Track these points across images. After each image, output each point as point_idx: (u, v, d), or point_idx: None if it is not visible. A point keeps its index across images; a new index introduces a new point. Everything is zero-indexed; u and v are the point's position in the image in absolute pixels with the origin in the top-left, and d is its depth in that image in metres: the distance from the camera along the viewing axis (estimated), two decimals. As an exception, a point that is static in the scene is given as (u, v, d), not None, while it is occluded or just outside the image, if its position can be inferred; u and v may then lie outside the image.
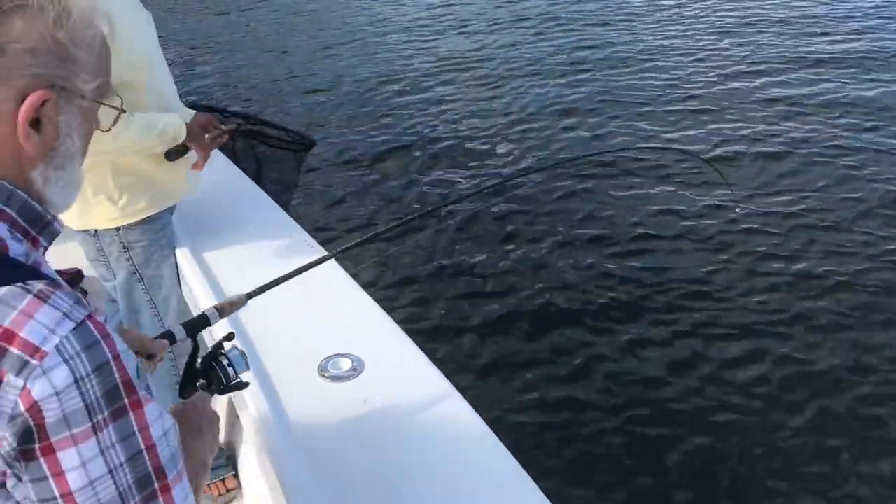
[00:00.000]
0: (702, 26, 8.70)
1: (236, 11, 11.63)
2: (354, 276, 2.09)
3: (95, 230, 2.15)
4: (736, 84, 6.89)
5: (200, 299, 2.06)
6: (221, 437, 1.35)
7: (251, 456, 1.83)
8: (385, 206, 5.23)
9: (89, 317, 0.80)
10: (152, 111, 2.04)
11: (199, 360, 1.32)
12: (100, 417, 0.77)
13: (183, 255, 2.28)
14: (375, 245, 4.38)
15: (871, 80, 6.68)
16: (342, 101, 7.38)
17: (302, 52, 9.21)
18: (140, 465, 0.80)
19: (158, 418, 0.83)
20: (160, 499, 0.82)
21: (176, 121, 2.08)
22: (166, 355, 1.41)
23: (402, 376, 1.68)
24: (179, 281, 2.29)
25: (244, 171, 2.74)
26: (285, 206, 2.65)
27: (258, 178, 2.74)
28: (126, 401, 0.80)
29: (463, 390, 1.60)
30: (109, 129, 1.00)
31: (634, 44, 8.30)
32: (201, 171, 2.25)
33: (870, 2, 9.07)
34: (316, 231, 2.71)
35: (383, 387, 1.63)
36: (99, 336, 0.79)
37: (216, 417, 1.23)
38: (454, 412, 1.56)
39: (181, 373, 2.31)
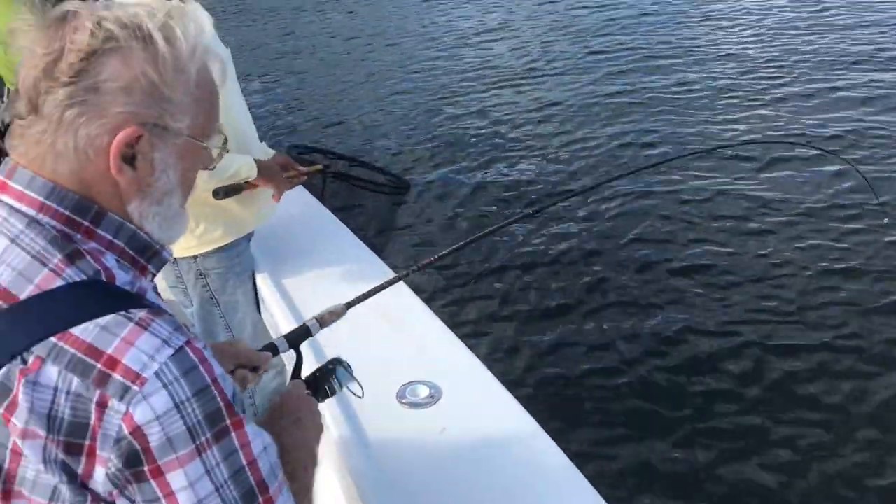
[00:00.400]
0: (775, 27, 8.45)
1: (291, 36, 11.81)
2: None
3: (175, 258, 2.21)
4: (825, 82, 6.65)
5: (280, 322, 2.10)
6: None
7: (330, 476, 1.84)
8: (455, 221, 5.19)
9: (188, 343, 0.83)
10: (230, 152, 2.08)
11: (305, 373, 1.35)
12: (202, 439, 0.80)
13: (263, 281, 2.34)
14: (442, 263, 4.39)
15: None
16: (397, 119, 7.34)
17: (356, 72, 9.24)
18: (243, 480, 0.84)
19: (258, 435, 0.87)
20: None
21: (249, 163, 2.13)
22: None
23: (480, 405, 1.68)
24: (259, 305, 2.34)
25: (330, 207, 2.79)
26: (375, 243, 2.68)
27: (345, 216, 2.80)
28: (228, 422, 0.83)
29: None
30: (214, 168, 1.02)
31: (707, 46, 8.11)
32: (280, 202, 2.33)
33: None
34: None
35: (461, 415, 1.63)
36: (197, 361, 0.82)
37: (314, 403, 1.25)
38: (534, 443, 1.54)
39: (255, 396, 2.37)
